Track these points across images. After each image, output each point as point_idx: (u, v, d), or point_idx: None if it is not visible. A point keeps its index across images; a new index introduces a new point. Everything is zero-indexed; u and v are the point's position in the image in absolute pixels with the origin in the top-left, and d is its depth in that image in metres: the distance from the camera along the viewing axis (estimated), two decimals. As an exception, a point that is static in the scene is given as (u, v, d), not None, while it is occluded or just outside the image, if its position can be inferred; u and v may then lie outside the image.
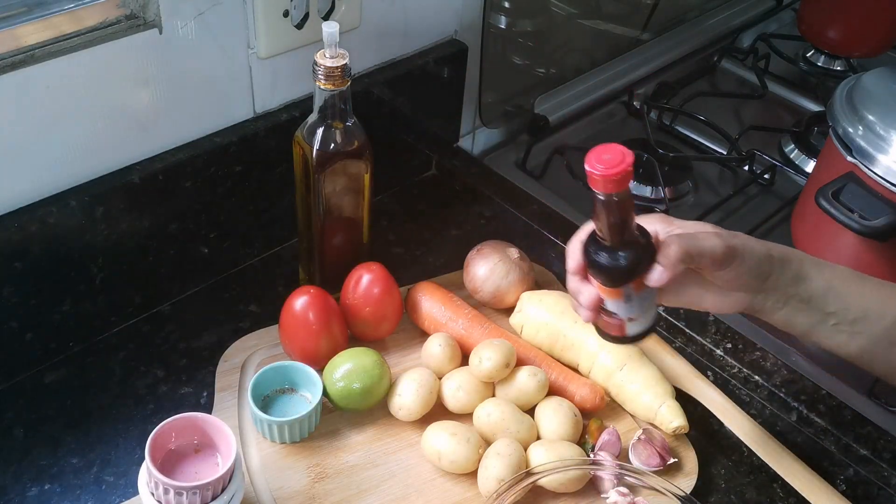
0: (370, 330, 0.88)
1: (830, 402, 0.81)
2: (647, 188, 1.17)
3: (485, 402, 0.81)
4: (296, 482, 0.77)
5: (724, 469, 0.83)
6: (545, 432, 0.80)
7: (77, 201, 0.80)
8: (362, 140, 0.84)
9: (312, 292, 0.83)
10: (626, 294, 0.65)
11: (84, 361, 0.86)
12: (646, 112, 1.28)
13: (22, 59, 0.73)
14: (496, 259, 0.92)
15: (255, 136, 0.91)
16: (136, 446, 0.79)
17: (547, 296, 0.90)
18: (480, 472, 0.76)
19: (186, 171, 0.87)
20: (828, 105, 0.97)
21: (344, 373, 0.81)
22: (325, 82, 0.78)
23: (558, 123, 1.29)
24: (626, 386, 0.84)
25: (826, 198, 0.89)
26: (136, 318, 0.91)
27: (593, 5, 1.35)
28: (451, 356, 0.85)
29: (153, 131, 0.85)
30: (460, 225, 1.07)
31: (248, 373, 0.85)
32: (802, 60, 1.47)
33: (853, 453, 0.78)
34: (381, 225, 1.06)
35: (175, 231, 0.89)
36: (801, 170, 1.23)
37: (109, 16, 0.78)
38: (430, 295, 0.90)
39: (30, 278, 0.80)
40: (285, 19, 0.87)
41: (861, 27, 1.39)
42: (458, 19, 1.08)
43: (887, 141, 0.88)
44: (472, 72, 1.12)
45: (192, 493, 0.67)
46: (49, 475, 0.77)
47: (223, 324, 0.91)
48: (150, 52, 0.80)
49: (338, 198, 0.86)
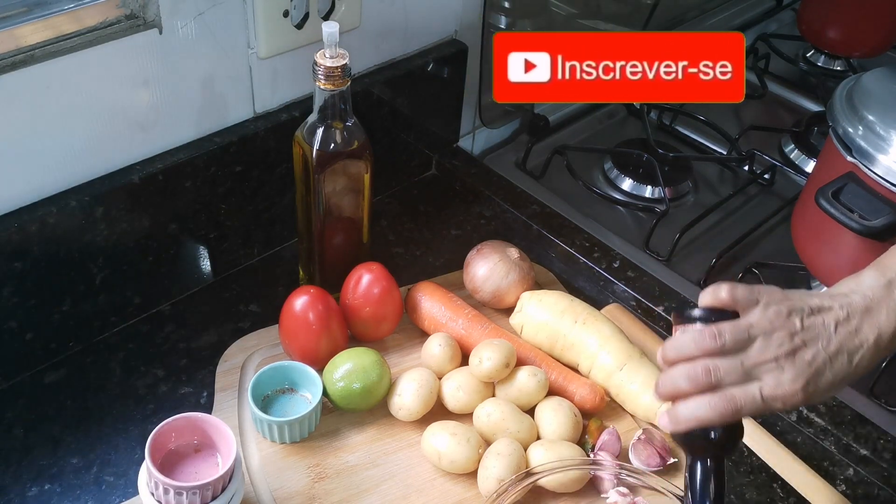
0: (370, 330, 0.88)
1: (830, 402, 0.81)
2: (647, 188, 1.17)
3: (485, 402, 0.81)
4: (296, 482, 0.77)
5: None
6: (545, 432, 0.80)
7: (77, 201, 0.80)
8: (362, 140, 0.84)
9: (312, 292, 0.83)
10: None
11: (84, 361, 0.86)
12: (646, 112, 1.28)
13: (22, 59, 0.73)
14: (496, 259, 0.92)
15: (255, 136, 0.91)
16: (136, 446, 0.79)
17: (547, 296, 0.90)
18: (480, 472, 0.76)
19: (186, 171, 0.87)
20: (828, 105, 0.97)
21: (344, 373, 0.81)
22: (325, 82, 0.78)
23: (558, 123, 1.29)
24: (626, 386, 0.84)
25: (826, 198, 0.89)
26: (136, 318, 0.91)
27: (593, 5, 1.36)
28: (451, 356, 0.85)
29: (153, 131, 0.85)
30: (460, 225, 1.07)
31: (248, 373, 0.85)
32: (802, 60, 1.47)
33: (853, 453, 0.78)
34: (381, 225, 1.06)
35: (175, 231, 0.89)
36: (801, 170, 1.23)
37: (109, 16, 0.78)
38: (430, 295, 0.90)
39: (30, 278, 0.80)
40: (285, 19, 0.87)
41: (861, 27, 1.39)
42: (458, 19, 1.08)
43: (887, 141, 0.88)
44: (472, 72, 1.12)
45: (192, 493, 0.67)
46: (49, 475, 0.77)
47: (223, 324, 0.91)
48: (150, 52, 0.80)
49: (338, 198, 0.86)
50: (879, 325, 0.62)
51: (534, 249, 0.99)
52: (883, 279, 0.64)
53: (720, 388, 0.61)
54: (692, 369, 0.62)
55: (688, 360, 0.62)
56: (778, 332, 0.61)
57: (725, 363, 0.61)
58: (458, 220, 1.07)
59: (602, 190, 1.18)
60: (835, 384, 0.62)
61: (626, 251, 1.02)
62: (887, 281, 0.64)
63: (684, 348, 0.63)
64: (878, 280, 0.64)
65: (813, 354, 0.61)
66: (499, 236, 0.98)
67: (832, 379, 0.61)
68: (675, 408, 0.63)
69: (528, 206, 1.03)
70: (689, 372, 0.62)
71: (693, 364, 0.62)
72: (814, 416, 0.80)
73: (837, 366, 0.62)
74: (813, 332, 0.62)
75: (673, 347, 0.64)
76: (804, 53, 1.48)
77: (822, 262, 0.99)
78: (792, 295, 0.64)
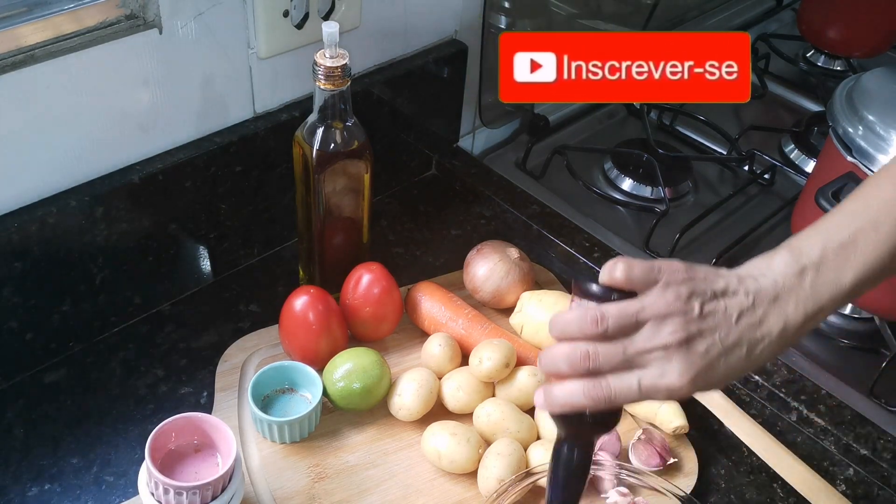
0: (370, 330, 0.88)
1: (830, 402, 0.81)
2: (647, 188, 1.17)
3: (485, 402, 0.81)
4: (296, 482, 0.77)
5: (724, 469, 0.83)
6: (545, 432, 0.81)
7: (77, 201, 0.80)
8: (362, 140, 0.84)
9: (312, 292, 0.83)
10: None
11: (84, 361, 0.86)
12: (646, 112, 1.28)
13: (22, 59, 0.73)
14: (496, 259, 0.92)
15: (255, 136, 0.91)
16: (136, 446, 0.79)
17: (547, 296, 0.90)
18: (480, 472, 0.76)
19: (186, 171, 0.87)
20: (828, 105, 0.97)
21: (344, 373, 0.81)
22: (325, 82, 0.78)
23: (558, 123, 1.29)
24: (626, 386, 0.84)
25: (826, 198, 0.89)
26: (136, 318, 0.91)
27: (593, 5, 1.36)
28: (451, 356, 0.85)
29: (153, 131, 0.85)
30: (460, 225, 1.07)
31: (248, 373, 0.85)
32: (802, 60, 1.47)
33: (853, 453, 0.78)
34: (381, 225, 1.06)
35: (175, 231, 0.89)
36: (801, 170, 1.23)
37: (109, 16, 0.78)
38: (430, 295, 0.90)
39: (30, 278, 0.80)
40: (285, 19, 0.87)
41: (861, 27, 1.39)
42: (458, 19, 1.08)
43: (887, 141, 0.88)
44: (472, 72, 1.12)
45: (192, 493, 0.67)
46: (49, 475, 0.77)
47: (223, 324, 0.91)
48: (150, 52, 0.80)
49: (338, 198, 0.86)
50: (786, 316, 0.58)
51: (534, 249, 0.99)
52: (796, 265, 0.59)
53: (598, 375, 0.58)
54: (572, 352, 0.58)
55: (571, 339, 0.59)
56: (672, 318, 0.57)
57: (606, 349, 0.57)
58: (458, 220, 1.07)
59: (602, 190, 1.18)
60: (728, 377, 0.58)
61: (626, 251, 1.02)
62: (800, 268, 0.58)
63: (568, 328, 0.59)
64: (790, 266, 0.59)
65: (708, 345, 0.57)
66: (499, 236, 0.98)
67: (725, 372, 0.57)
68: (550, 388, 0.60)
69: (528, 206, 1.03)
70: (570, 355, 0.58)
71: (574, 346, 0.58)
72: (814, 416, 0.80)
73: (733, 359, 0.57)
74: (712, 321, 0.57)
75: (558, 324, 0.60)
76: (804, 53, 1.48)
77: (822, 262, 0.99)
78: (696, 273, 0.59)
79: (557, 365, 0.59)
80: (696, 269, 0.59)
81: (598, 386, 0.57)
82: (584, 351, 0.58)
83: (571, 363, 0.58)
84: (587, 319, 0.58)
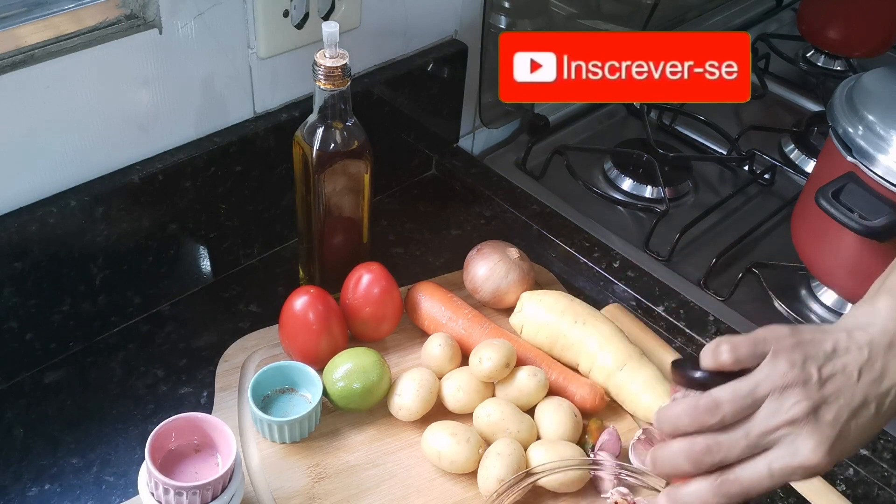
0: (370, 330, 0.88)
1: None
2: (647, 188, 1.17)
3: (485, 402, 0.81)
4: (296, 482, 0.77)
5: (724, 469, 0.83)
6: (545, 432, 0.80)
7: (77, 201, 0.80)
8: (362, 140, 0.84)
9: (312, 292, 0.83)
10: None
11: (84, 361, 0.86)
12: (646, 112, 1.28)
13: (22, 59, 0.73)
14: (496, 259, 0.92)
15: (255, 136, 0.91)
16: (136, 446, 0.79)
17: (547, 296, 0.90)
18: (480, 472, 0.76)
19: (186, 171, 0.87)
20: (828, 105, 0.97)
21: (344, 373, 0.81)
22: (325, 82, 0.78)
23: (558, 123, 1.29)
24: (626, 386, 0.84)
25: (826, 198, 0.89)
26: (136, 318, 0.91)
27: (593, 5, 1.36)
28: (451, 356, 0.85)
29: (153, 131, 0.85)
30: (460, 225, 1.07)
31: (248, 373, 0.85)
32: (802, 60, 1.47)
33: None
34: (381, 225, 1.06)
35: (175, 231, 0.89)
36: (801, 170, 1.23)
37: (109, 16, 0.78)
38: (430, 295, 0.90)
39: (30, 278, 0.80)
40: (285, 19, 0.87)
41: (861, 27, 1.39)
42: (458, 19, 1.08)
43: (887, 141, 0.88)
44: (472, 72, 1.12)
45: (192, 493, 0.67)
46: (49, 475, 0.77)
47: (223, 324, 0.91)
48: (150, 52, 0.80)
49: (338, 198, 0.86)
50: None
51: (534, 249, 0.99)
52: None
53: (724, 467, 0.53)
54: (691, 449, 0.54)
55: (685, 434, 0.55)
56: (792, 389, 0.52)
57: (727, 438, 0.53)
58: (458, 220, 1.07)
59: (602, 190, 1.18)
60: (860, 441, 0.53)
61: (625, 251, 1.02)
62: None
63: (680, 422, 0.54)
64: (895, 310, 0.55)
65: (836, 412, 0.52)
66: (499, 236, 0.98)
67: (857, 436, 0.53)
68: (676, 491, 0.55)
69: (528, 206, 1.03)
70: (689, 452, 0.54)
71: (691, 442, 0.54)
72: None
73: (863, 420, 0.53)
74: (834, 385, 0.52)
75: (668, 419, 0.55)
76: (804, 53, 1.48)
77: (822, 262, 0.99)
78: (803, 336, 0.54)
79: (678, 464, 0.55)
80: (801, 332, 0.55)
81: (727, 482, 0.53)
82: (703, 445, 0.53)
83: (694, 461, 0.54)
84: (700, 410, 0.54)
